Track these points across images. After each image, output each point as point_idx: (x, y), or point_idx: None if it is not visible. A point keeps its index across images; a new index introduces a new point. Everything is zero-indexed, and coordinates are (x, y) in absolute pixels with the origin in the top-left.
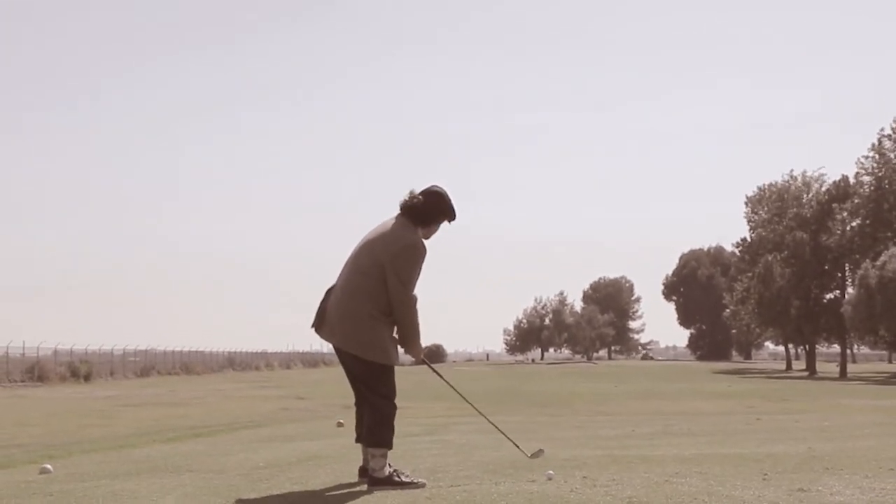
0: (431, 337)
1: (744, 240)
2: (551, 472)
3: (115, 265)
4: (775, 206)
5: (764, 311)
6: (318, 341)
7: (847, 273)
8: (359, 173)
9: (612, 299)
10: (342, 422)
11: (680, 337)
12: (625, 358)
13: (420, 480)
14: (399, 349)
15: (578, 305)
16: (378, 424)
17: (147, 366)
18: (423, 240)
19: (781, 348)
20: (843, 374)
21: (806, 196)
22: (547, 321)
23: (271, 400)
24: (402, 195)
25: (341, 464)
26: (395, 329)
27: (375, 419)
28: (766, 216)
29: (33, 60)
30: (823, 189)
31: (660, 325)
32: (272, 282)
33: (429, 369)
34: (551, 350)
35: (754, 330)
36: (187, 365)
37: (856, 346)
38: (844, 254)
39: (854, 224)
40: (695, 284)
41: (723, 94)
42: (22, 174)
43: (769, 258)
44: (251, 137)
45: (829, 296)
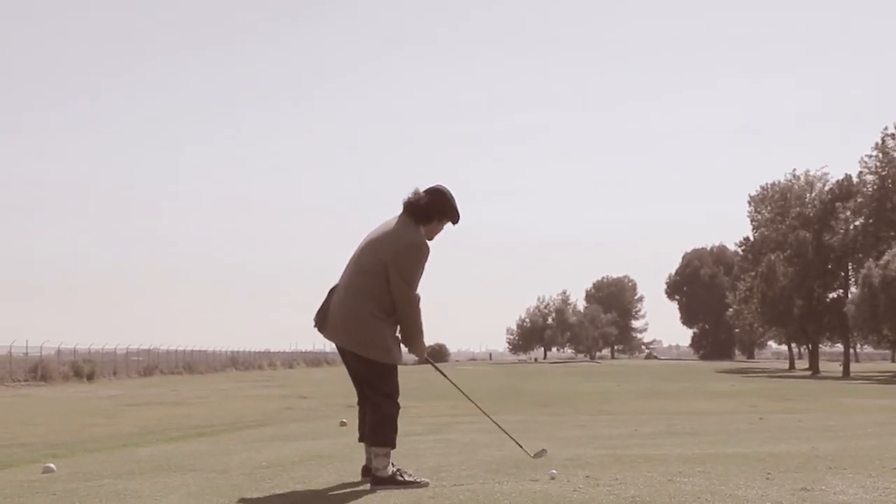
0: (434, 336)
1: (747, 239)
2: (554, 471)
3: (117, 265)
4: (778, 206)
5: (767, 311)
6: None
7: (850, 272)
8: (359, 173)
9: (614, 298)
10: (345, 421)
11: (683, 336)
12: (628, 357)
13: (423, 480)
14: (402, 348)
15: (581, 305)
16: (381, 424)
17: (150, 365)
18: (427, 240)
19: (784, 347)
20: (846, 374)
21: (809, 195)
22: (550, 320)
23: (274, 399)
24: (407, 193)
25: (344, 463)
26: (398, 328)
27: (378, 418)
28: (769, 215)
29: (33, 60)
30: (826, 188)
31: (663, 324)
32: (274, 281)
33: (432, 368)
34: (554, 349)
35: (757, 329)
36: (190, 364)
37: (859, 346)
38: (847, 253)
39: (857, 223)
40: (698, 284)
41: (723, 94)
42: (22, 174)
43: (772, 257)
44: (251, 137)
45: (833, 295)
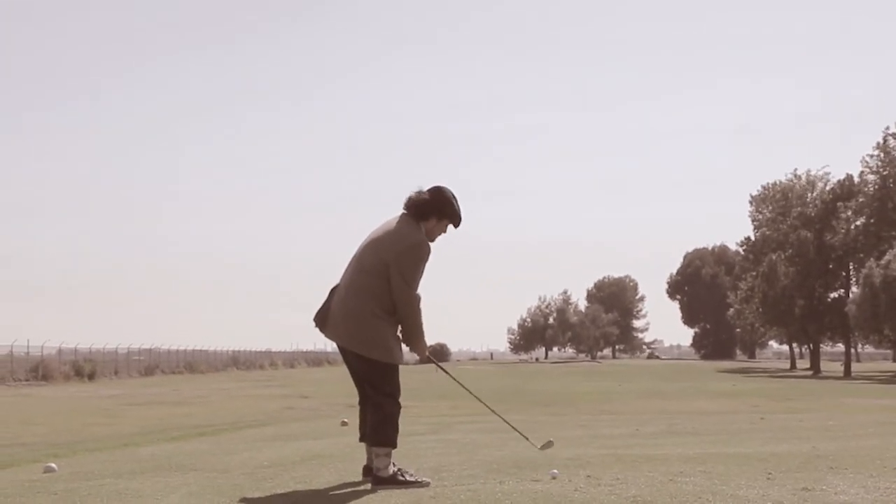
0: (435, 336)
1: (748, 239)
2: (555, 470)
3: (117, 265)
4: (779, 205)
5: (768, 310)
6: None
7: (851, 272)
8: (359, 173)
9: (616, 298)
10: (346, 421)
11: (684, 336)
12: (629, 357)
13: (424, 479)
14: (404, 348)
15: (582, 304)
16: (382, 423)
17: (151, 365)
18: (428, 240)
19: (785, 347)
20: (847, 374)
21: (810, 195)
22: (551, 320)
23: (275, 399)
24: (410, 192)
25: (345, 463)
26: (399, 328)
27: (379, 418)
28: (770, 215)
29: (33, 60)
30: (828, 188)
31: (664, 324)
32: (274, 281)
33: (433, 368)
34: (555, 349)
35: (758, 329)
36: (191, 364)
37: (860, 346)
38: (849, 253)
39: (858, 223)
40: (699, 283)
41: (723, 94)
42: (22, 174)
43: (773, 257)
44: (251, 137)
45: (834, 295)
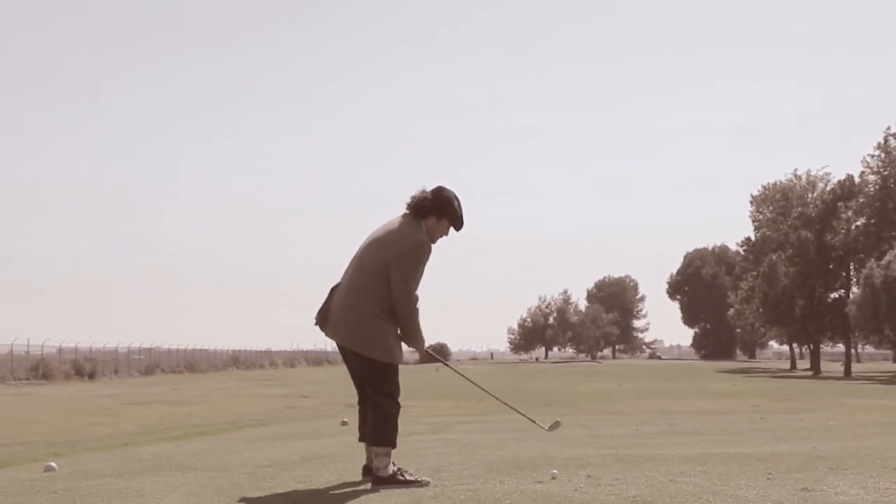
0: (435, 336)
1: (748, 239)
2: (555, 470)
3: (117, 265)
4: (780, 206)
5: (768, 311)
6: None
7: (852, 272)
8: (359, 173)
9: (616, 298)
10: (346, 420)
11: (684, 336)
12: (629, 357)
13: (424, 479)
14: (404, 347)
15: (583, 304)
16: (382, 423)
17: (151, 364)
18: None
19: (786, 347)
20: (847, 374)
21: (811, 195)
22: (551, 320)
23: (275, 398)
24: (413, 192)
25: (345, 462)
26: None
27: (379, 418)
28: (770, 215)
29: (33, 60)
30: (828, 188)
31: (664, 324)
32: (274, 281)
33: (433, 367)
34: (555, 349)
35: (759, 329)
36: (191, 363)
37: (860, 346)
38: (849, 253)
39: (859, 223)
40: (699, 283)
41: (723, 94)
42: (22, 174)
43: (774, 257)
44: (251, 137)
45: (834, 295)
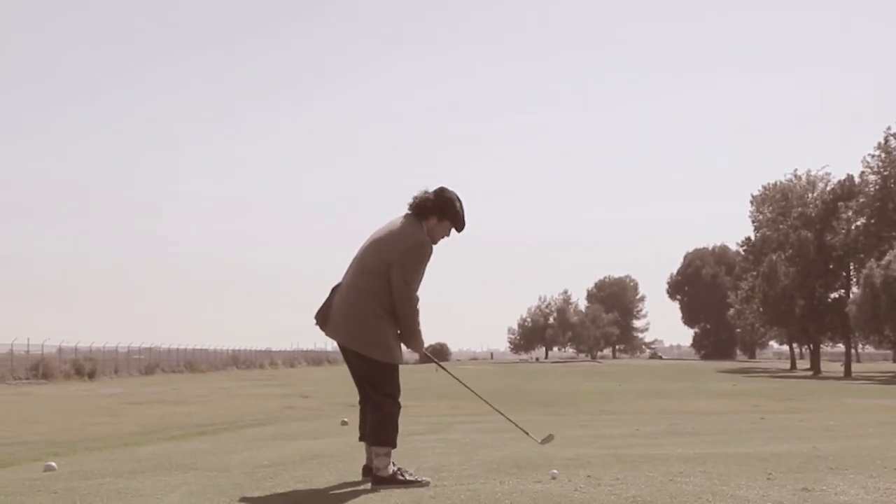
0: (436, 336)
1: (748, 239)
2: (555, 470)
3: (117, 265)
4: (780, 206)
5: (768, 311)
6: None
7: (852, 272)
8: (359, 173)
9: (616, 298)
10: (346, 420)
11: (684, 336)
12: (629, 357)
13: (424, 479)
14: (403, 347)
15: (583, 304)
16: (382, 423)
17: (151, 364)
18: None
19: (786, 347)
20: (847, 374)
21: (811, 195)
22: (551, 320)
23: (275, 398)
24: (415, 193)
25: (345, 462)
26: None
27: (380, 418)
28: (770, 215)
29: (33, 60)
30: (828, 188)
31: (664, 324)
32: (274, 281)
33: (433, 367)
34: (555, 349)
35: (759, 329)
36: (191, 363)
37: (860, 346)
38: (849, 253)
39: (859, 223)
40: (699, 283)
41: (723, 94)
42: (22, 174)
43: (774, 257)
44: (251, 137)
45: (834, 295)
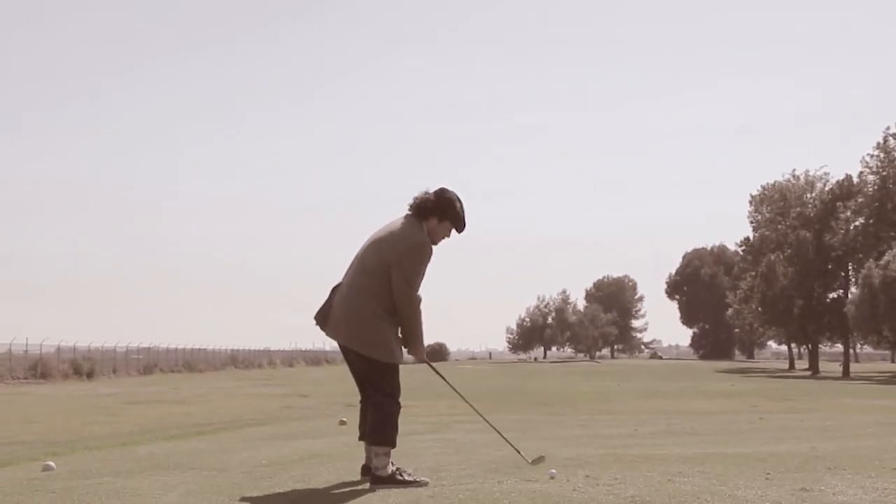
0: (434, 336)
1: (747, 239)
2: (554, 470)
3: (117, 265)
4: (778, 206)
5: (767, 311)
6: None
7: (850, 272)
8: (359, 173)
9: (615, 298)
10: (345, 420)
11: (683, 336)
12: (627, 357)
13: (423, 479)
14: (402, 348)
15: (581, 304)
16: (382, 423)
17: (150, 363)
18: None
19: (784, 347)
20: (845, 374)
21: (809, 195)
22: (550, 320)
23: (274, 398)
24: (415, 193)
25: (344, 462)
26: (399, 329)
27: (379, 417)
28: (769, 215)
29: (33, 60)
30: (827, 188)
31: (663, 323)
32: (274, 281)
33: (431, 369)
34: (554, 349)
35: (757, 329)
36: (190, 363)
37: (859, 346)
38: (848, 253)
39: (858, 223)
40: (698, 283)
41: (723, 94)
42: (22, 174)
43: (772, 257)
44: (251, 138)
45: (833, 295)
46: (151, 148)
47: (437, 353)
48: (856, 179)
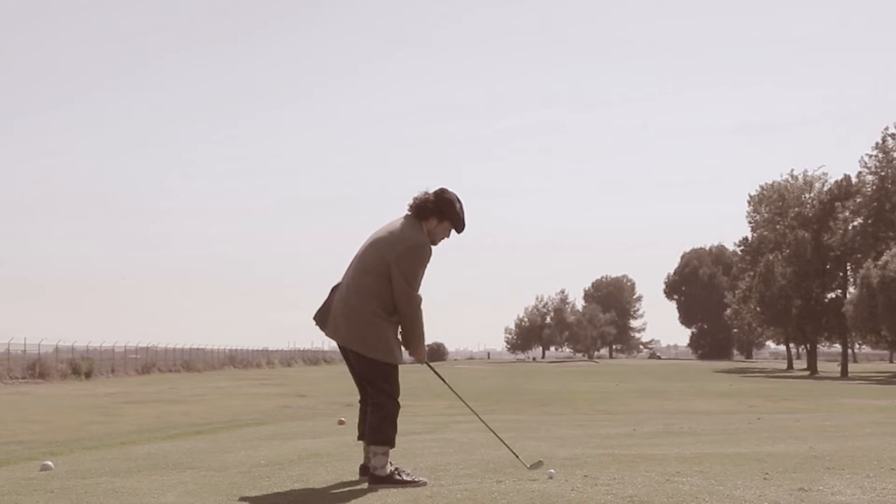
0: (433, 335)
1: (745, 239)
2: (552, 470)
3: (115, 264)
4: (776, 206)
5: (765, 311)
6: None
7: (849, 272)
8: (359, 173)
9: (613, 298)
10: (343, 419)
11: (681, 336)
12: (626, 357)
13: (421, 479)
14: (403, 349)
15: (580, 304)
16: (382, 422)
17: (148, 363)
18: (431, 243)
19: (783, 347)
20: (844, 374)
21: (807, 195)
22: (548, 320)
23: (272, 397)
24: (415, 193)
25: (342, 462)
26: (399, 330)
27: (379, 417)
28: (767, 216)
29: (33, 60)
30: (825, 188)
31: (661, 324)
32: (273, 281)
33: (430, 369)
34: (552, 348)
35: (756, 329)
36: (188, 362)
37: (857, 346)
38: (846, 253)
39: (856, 223)
40: (696, 283)
41: (723, 94)
42: (22, 174)
43: (770, 257)
44: (252, 137)
45: (831, 295)
46: (151, 148)
47: (436, 353)
48: (854, 180)
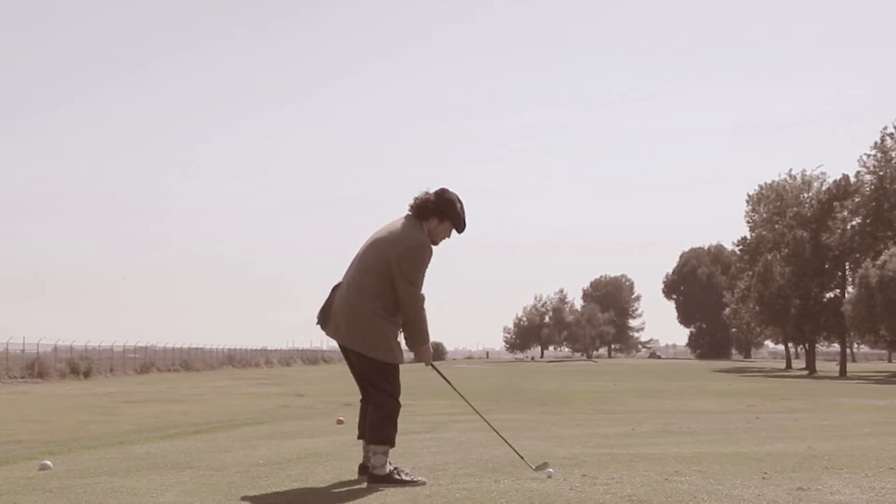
0: (432, 335)
1: (744, 238)
2: (551, 469)
3: (116, 264)
4: (775, 206)
5: (764, 310)
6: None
7: (847, 272)
8: (359, 173)
9: (612, 297)
10: (342, 419)
11: (680, 335)
12: (625, 356)
13: (420, 478)
14: (403, 348)
15: (578, 303)
16: (382, 422)
17: (147, 363)
18: (432, 243)
19: (781, 347)
20: (842, 374)
21: (806, 195)
22: (547, 319)
23: (271, 397)
24: (416, 193)
25: (341, 461)
26: (401, 331)
27: (380, 416)
28: (765, 215)
29: (33, 60)
30: (824, 188)
31: (660, 323)
32: (272, 281)
33: (431, 368)
34: (551, 348)
35: (754, 329)
36: (187, 362)
37: (856, 346)
38: (845, 253)
39: (855, 223)
40: (695, 283)
41: (723, 94)
42: (22, 174)
43: (769, 257)
44: (252, 137)
45: (830, 295)
46: (151, 148)
47: (435, 353)
48: (853, 179)
